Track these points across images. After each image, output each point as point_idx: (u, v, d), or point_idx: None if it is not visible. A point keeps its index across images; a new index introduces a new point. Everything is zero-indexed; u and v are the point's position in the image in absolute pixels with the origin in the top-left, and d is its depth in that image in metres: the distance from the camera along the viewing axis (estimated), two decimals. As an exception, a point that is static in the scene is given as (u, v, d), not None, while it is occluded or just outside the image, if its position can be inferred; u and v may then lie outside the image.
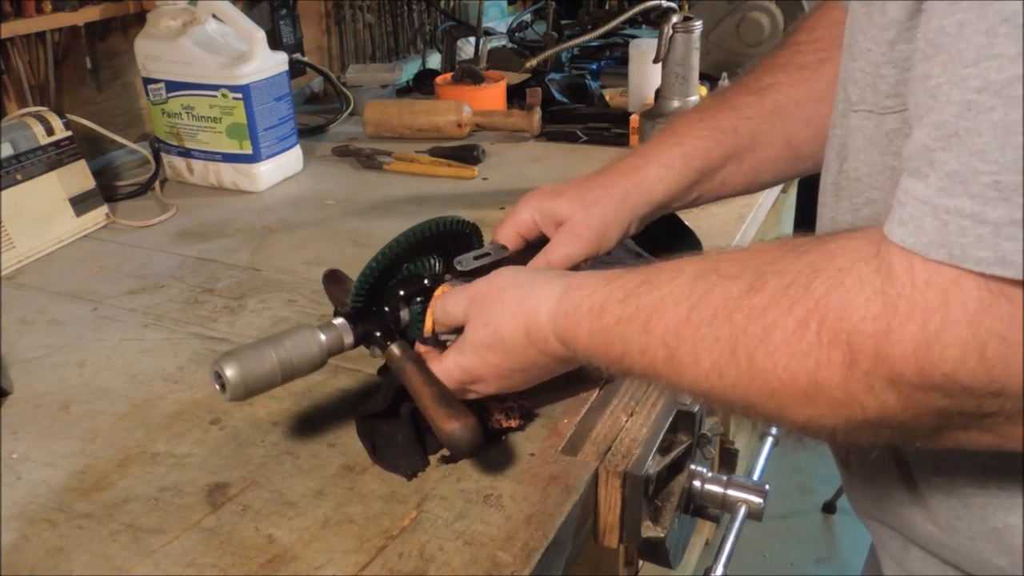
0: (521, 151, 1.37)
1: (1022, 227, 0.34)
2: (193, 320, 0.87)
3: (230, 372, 0.59)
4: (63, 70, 1.21)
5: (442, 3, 1.93)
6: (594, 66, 1.79)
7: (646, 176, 0.73)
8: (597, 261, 0.83)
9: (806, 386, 0.42)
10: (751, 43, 1.50)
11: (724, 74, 1.34)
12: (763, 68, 0.74)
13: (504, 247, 0.74)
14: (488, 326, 0.61)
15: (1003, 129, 0.34)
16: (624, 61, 1.47)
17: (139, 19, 1.26)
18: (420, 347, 0.67)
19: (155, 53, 1.18)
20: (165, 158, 1.25)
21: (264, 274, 0.97)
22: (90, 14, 1.22)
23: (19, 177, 1.01)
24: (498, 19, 2.11)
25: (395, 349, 0.66)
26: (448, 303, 0.65)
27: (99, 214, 1.10)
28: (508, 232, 0.75)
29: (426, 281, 0.69)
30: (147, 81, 1.21)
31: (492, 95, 1.50)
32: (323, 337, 0.64)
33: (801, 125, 0.71)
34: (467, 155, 1.30)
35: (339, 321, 0.66)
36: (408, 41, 1.91)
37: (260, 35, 1.17)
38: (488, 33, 1.87)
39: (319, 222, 1.11)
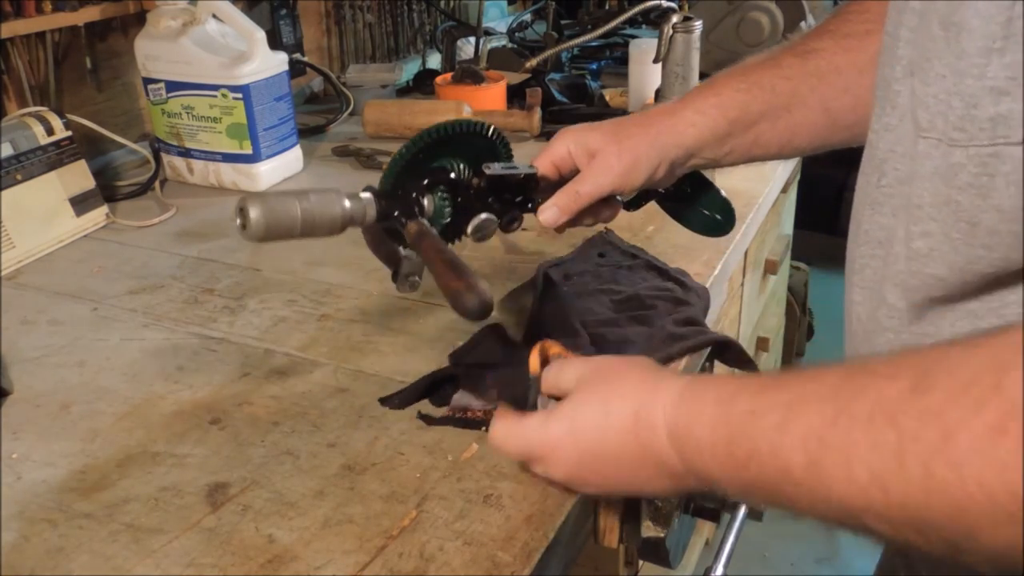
0: (521, 151, 1.35)
1: None
2: (193, 320, 0.87)
3: (254, 212, 0.61)
4: (63, 70, 1.21)
5: (442, 3, 1.93)
6: (594, 66, 1.79)
7: (680, 119, 0.74)
8: (590, 264, 0.84)
9: (1007, 502, 0.35)
10: (751, 43, 1.50)
11: (724, 74, 1.34)
12: (812, 33, 0.74)
13: (533, 167, 0.76)
14: (597, 394, 0.55)
15: None
16: (624, 61, 1.47)
17: (139, 19, 1.26)
18: (500, 410, 0.62)
19: (155, 53, 1.18)
20: (165, 158, 1.25)
21: (264, 274, 0.97)
22: (90, 14, 1.22)
23: (19, 177, 1.01)
24: (498, 19, 2.11)
25: (413, 226, 0.68)
26: (565, 369, 0.59)
27: (99, 214, 1.10)
28: (543, 161, 0.77)
29: (452, 175, 0.72)
30: (147, 81, 1.21)
31: (492, 95, 1.50)
32: (348, 203, 0.66)
33: (840, 92, 0.71)
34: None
35: (366, 194, 0.68)
36: (408, 41, 1.91)
37: (260, 35, 1.17)
38: (488, 33, 1.86)
39: (319, 222, 1.11)
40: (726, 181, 1.13)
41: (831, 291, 1.22)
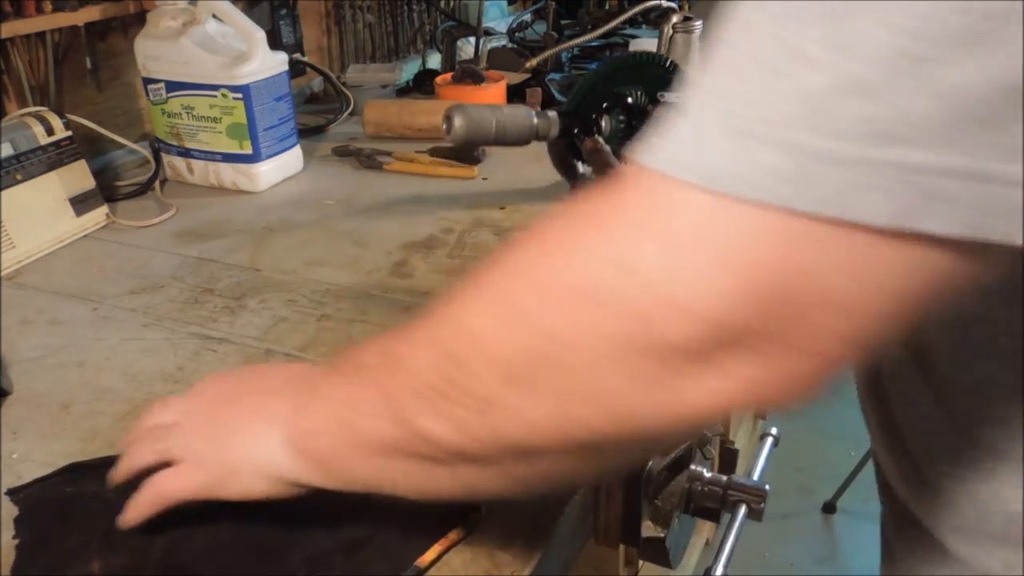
0: (521, 151, 1.36)
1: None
2: (193, 320, 0.87)
3: (458, 119, 0.74)
4: (63, 70, 1.21)
5: (442, 3, 1.93)
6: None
7: None
8: None
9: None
10: (751, 43, 1.50)
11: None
12: None
13: None
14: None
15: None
16: (624, 61, 1.47)
17: (139, 19, 1.26)
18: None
19: (155, 53, 1.18)
20: (165, 158, 1.25)
21: (264, 274, 0.97)
22: (90, 14, 1.22)
23: (19, 177, 1.01)
24: (498, 19, 2.11)
25: (589, 142, 0.78)
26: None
27: (99, 214, 1.10)
28: None
29: (629, 99, 0.81)
30: (147, 81, 1.21)
31: (492, 95, 1.50)
32: (536, 119, 0.77)
33: None
34: (467, 155, 1.30)
35: (551, 113, 0.79)
36: (408, 41, 1.91)
37: (260, 35, 1.17)
38: (488, 33, 1.86)
39: (319, 222, 1.11)
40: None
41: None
